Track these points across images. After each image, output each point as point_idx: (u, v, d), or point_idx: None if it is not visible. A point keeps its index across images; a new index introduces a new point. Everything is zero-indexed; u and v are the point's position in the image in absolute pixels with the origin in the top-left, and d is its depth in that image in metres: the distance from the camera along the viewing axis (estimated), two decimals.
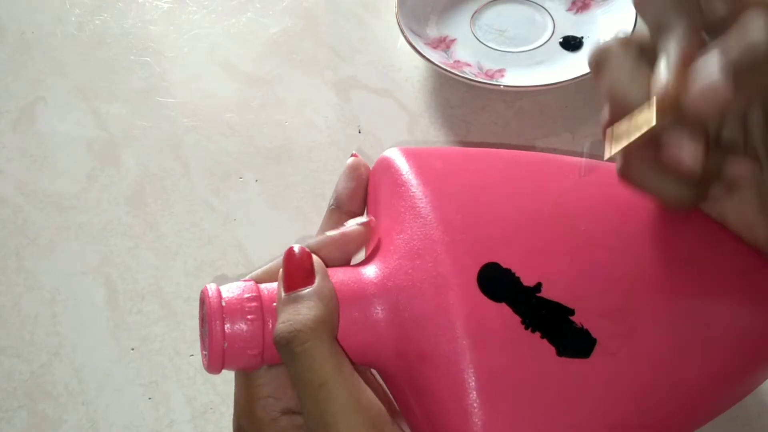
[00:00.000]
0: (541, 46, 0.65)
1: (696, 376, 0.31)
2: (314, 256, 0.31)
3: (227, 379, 0.48)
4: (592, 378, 0.29)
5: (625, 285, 0.31)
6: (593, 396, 0.29)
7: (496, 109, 0.62)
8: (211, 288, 0.31)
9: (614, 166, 0.32)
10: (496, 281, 0.30)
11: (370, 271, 0.32)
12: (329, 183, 0.58)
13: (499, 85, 0.59)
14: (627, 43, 0.30)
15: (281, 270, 0.31)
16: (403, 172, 0.33)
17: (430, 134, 0.61)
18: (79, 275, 0.54)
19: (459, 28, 0.67)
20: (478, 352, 0.28)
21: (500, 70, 0.63)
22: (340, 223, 0.35)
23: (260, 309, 0.30)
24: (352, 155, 0.37)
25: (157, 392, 0.48)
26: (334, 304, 0.30)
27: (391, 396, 0.34)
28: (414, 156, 0.34)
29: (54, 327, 0.52)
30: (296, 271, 0.30)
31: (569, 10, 0.67)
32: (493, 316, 0.29)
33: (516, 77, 0.61)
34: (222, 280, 0.53)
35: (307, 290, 0.30)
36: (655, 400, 0.30)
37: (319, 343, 0.28)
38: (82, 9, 0.75)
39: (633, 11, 0.62)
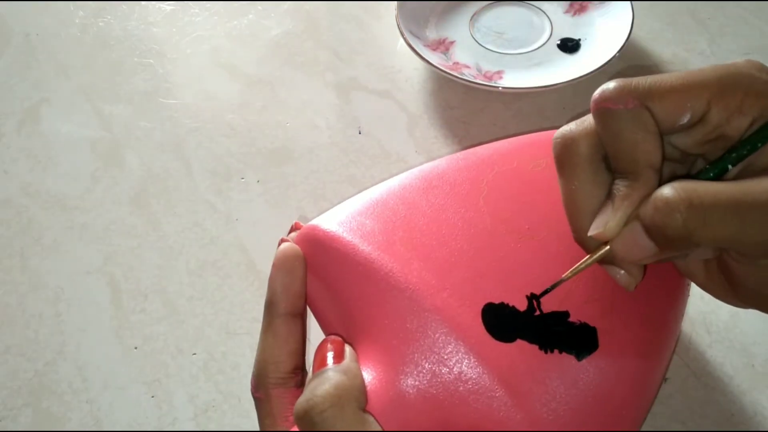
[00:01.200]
0: (539, 48, 0.65)
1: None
2: (347, 345, 0.31)
3: (230, 377, 0.49)
4: (608, 365, 0.30)
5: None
6: (613, 383, 0.30)
7: (494, 111, 0.62)
8: None
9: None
10: (501, 324, 0.30)
11: (384, 381, 0.30)
12: (330, 183, 0.58)
13: (498, 87, 0.60)
14: (589, 136, 0.30)
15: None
16: (337, 249, 0.32)
17: (430, 135, 0.61)
18: (83, 275, 0.55)
19: (458, 30, 0.67)
20: (523, 413, 0.28)
21: (499, 72, 0.63)
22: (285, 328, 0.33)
23: None
24: (281, 240, 0.35)
25: (160, 390, 0.48)
26: (359, 380, 0.29)
27: None
28: (343, 228, 0.33)
29: (58, 326, 0.52)
30: (325, 354, 0.30)
31: (567, 12, 0.68)
32: (518, 361, 0.29)
33: (514, 79, 0.62)
34: (225, 280, 0.53)
35: (330, 367, 0.29)
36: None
37: (339, 410, 0.27)
38: (85, 11, 0.75)
39: (629, 14, 0.63)
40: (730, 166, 0.29)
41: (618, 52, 0.60)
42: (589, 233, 0.29)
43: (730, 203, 0.26)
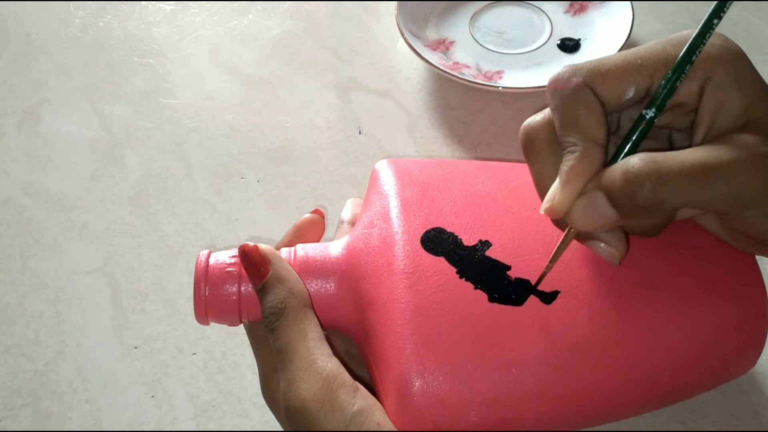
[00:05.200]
0: (539, 47, 0.65)
1: (641, 342, 0.33)
2: (262, 246, 0.36)
3: (229, 377, 0.49)
4: (523, 323, 0.32)
5: (568, 255, 0.34)
6: (522, 338, 0.32)
7: (494, 110, 0.62)
8: (204, 252, 0.37)
9: None
10: (438, 240, 0.34)
11: (338, 244, 0.38)
12: (330, 183, 0.58)
13: (498, 87, 0.60)
14: (548, 124, 0.32)
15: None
16: (379, 170, 0.39)
17: (430, 135, 0.61)
18: (82, 274, 0.55)
19: (458, 30, 0.67)
20: (411, 292, 0.32)
21: (499, 72, 0.63)
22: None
23: (238, 264, 0.36)
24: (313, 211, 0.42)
25: (160, 390, 0.49)
26: (293, 283, 0.35)
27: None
28: (393, 161, 0.40)
29: (58, 326, 0.52)
30: (251, 265, 0.36)
31: (567, 12, 0.68)
32: (429, 266, 0.33)
33: (514, 79, 0.62)
34: None
35: (267, 279, 0.35)
36: (592, 355, 0.32)
37: (285, 318, 0.34)
38: (85, 11, 0.75)
39: (629, 14, 0.63)
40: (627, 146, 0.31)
41: (618, 52, 0.59)
42: (540, 210, 0.31)
43: (695, 170, 0.28)
